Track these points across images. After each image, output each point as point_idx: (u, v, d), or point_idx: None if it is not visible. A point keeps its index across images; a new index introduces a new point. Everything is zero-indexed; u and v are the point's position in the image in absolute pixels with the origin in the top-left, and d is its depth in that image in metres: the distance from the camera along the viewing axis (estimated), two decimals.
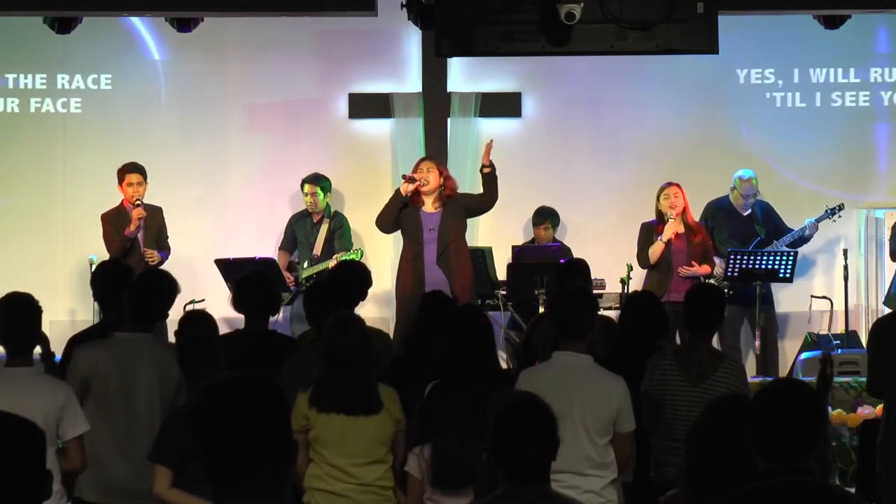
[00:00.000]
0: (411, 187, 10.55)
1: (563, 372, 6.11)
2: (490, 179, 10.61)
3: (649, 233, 11.14)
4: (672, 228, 11.00)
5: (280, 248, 11.79)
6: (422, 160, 10.90)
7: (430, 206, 10.62)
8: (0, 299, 6.06)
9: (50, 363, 6.65)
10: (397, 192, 10.68)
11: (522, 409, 4.21)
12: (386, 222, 10.73)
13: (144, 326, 6.58)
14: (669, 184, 11.16)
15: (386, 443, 6.18)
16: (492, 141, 10.71)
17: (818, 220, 11.79)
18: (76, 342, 6.92)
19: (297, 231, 11.71)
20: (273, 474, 3.02)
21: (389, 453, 6.20)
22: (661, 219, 11.11)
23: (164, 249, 11.18)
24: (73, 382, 6.32)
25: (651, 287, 10.74)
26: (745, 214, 11.80)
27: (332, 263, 11.18)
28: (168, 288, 6.82)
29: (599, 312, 6.82)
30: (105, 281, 7.13)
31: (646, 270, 11.16)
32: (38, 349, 6.37)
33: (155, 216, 11.18)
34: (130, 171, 11.10)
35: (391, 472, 6.20)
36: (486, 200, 10.71)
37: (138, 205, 10.96)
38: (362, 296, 7.83)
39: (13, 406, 5.01)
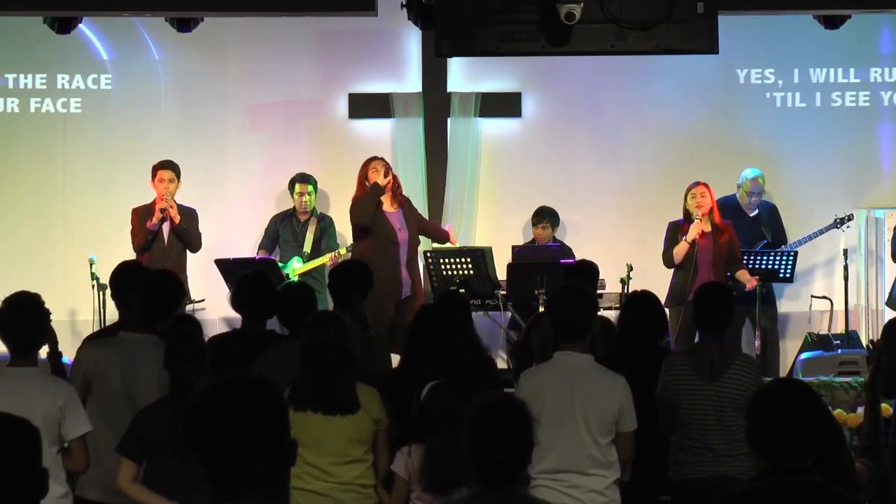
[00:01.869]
0: (386, 181, 10.65)
1: (564, 372, 6.14)
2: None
3: (675, 232, 11.01)
4: (697, 228, 10.84)
5: (260, 247, 11.71)
6: (374, 159, 10.96)
7: (388, 205, 10.74)
8: (7, 298, 6.05)
9: (56, 362, 6.64)
10: (376, 184, 10.75)
11: (496, 410, 4.21)
12: (365, 214, 10.72)
13: (150, 327, 6.59)
14: (697, 183, 11.00)
15: (365, 442, 6.14)
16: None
17: (826, 230, 11.80)
18: (89, 341, 6.92)
19: (283, 231, 11.67)
20: (272, 474, 3.03)
21: (369, 452, 6.16)
22: (688, 218, 10.96)
23: (193, 247, 11.13)
24: (75, 380, 6.37)
25: (677, 287, 10.73)
26: (751, 215, 11.78)
27: (327, 259, 11.21)
28: (175, 290, 6.82)
29: (599, 312, 6.83)
30: (124, 282, 7.05)
31: (672, 270, 11.08)
32: (45, 348, 6.38)
33: (185, 217, 11.11)
34: (162, 167, 11.13)
35: (371, 471, 6.16)
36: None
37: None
38: (364, 296, 7.79)
39: (13, 405, 5.02)
